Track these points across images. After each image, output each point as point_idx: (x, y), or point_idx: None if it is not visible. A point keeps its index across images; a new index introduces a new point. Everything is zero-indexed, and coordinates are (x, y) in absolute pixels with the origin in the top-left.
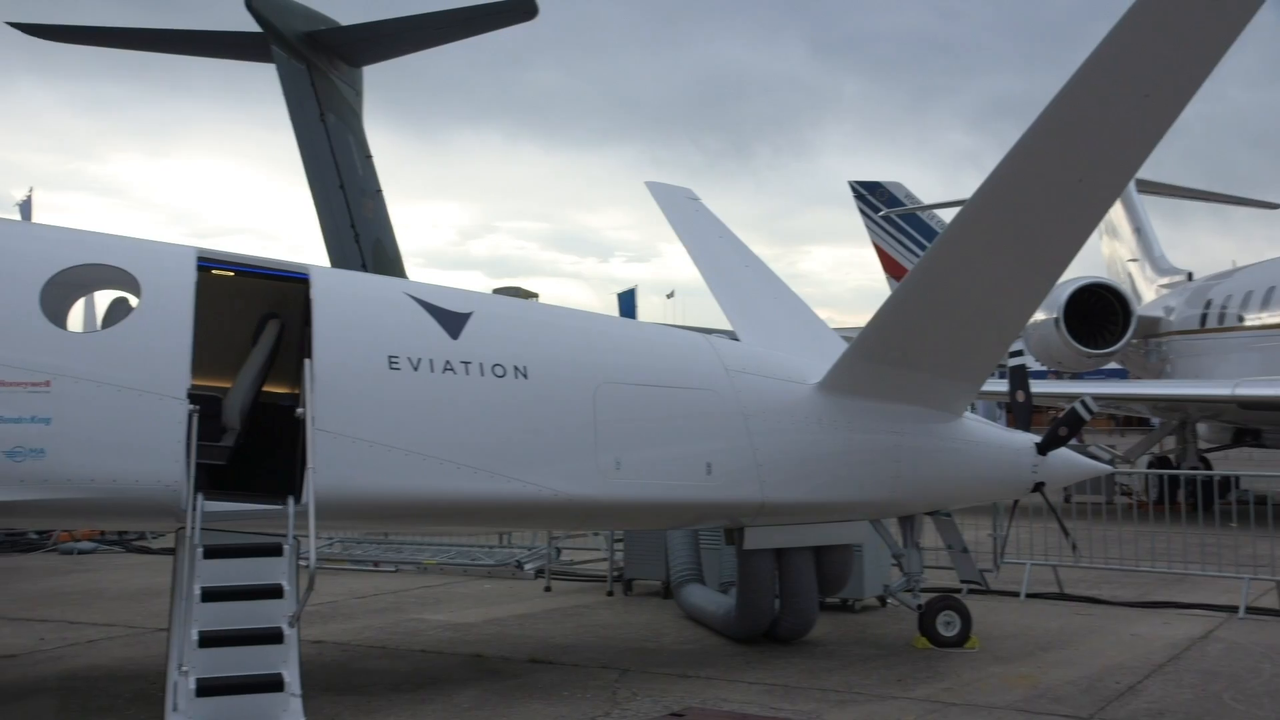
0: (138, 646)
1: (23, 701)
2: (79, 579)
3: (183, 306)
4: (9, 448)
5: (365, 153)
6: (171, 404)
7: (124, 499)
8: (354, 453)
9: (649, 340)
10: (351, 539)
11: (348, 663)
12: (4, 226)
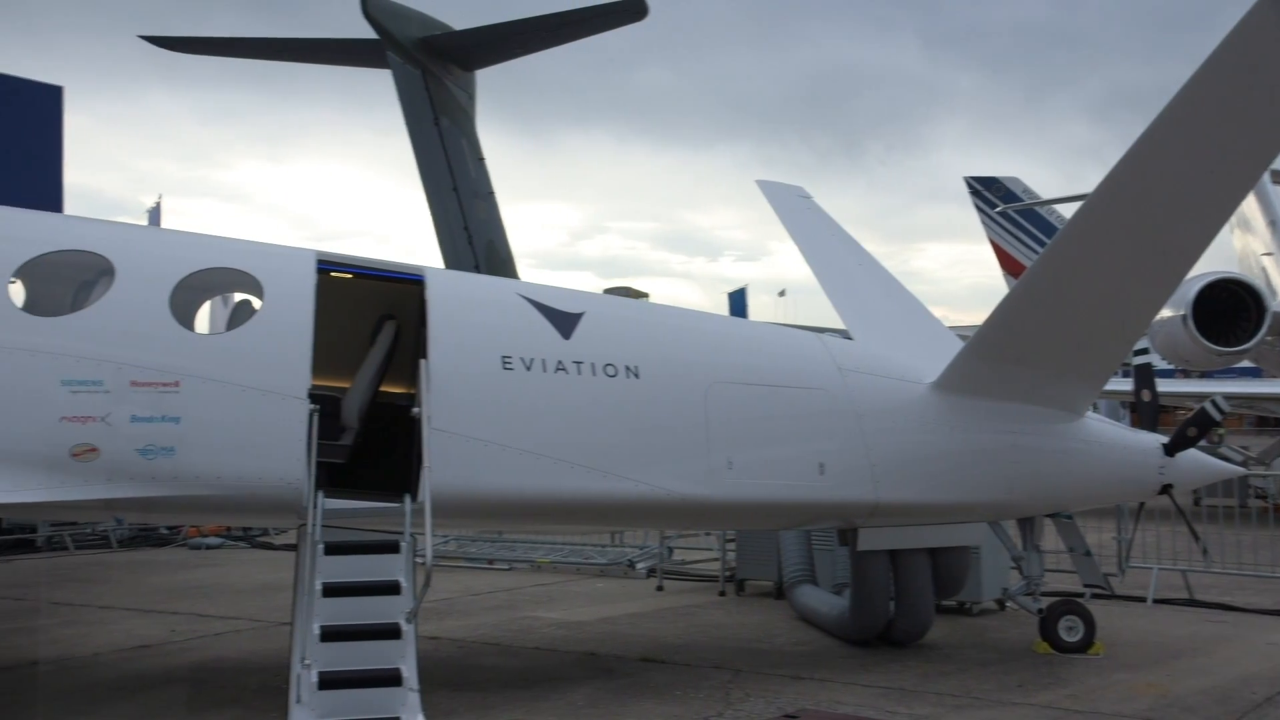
0: (262, 639)
1: (157, 690)
2: (207, 573)
3: (303, 309)
4: (141, 446)
5: (478, 155)
6: (293, 404)
7: (248, 496)
8: (468, 452)
9: (760, 339)
10: (466, 537)
11: (463, 659)
12: (135, 233)
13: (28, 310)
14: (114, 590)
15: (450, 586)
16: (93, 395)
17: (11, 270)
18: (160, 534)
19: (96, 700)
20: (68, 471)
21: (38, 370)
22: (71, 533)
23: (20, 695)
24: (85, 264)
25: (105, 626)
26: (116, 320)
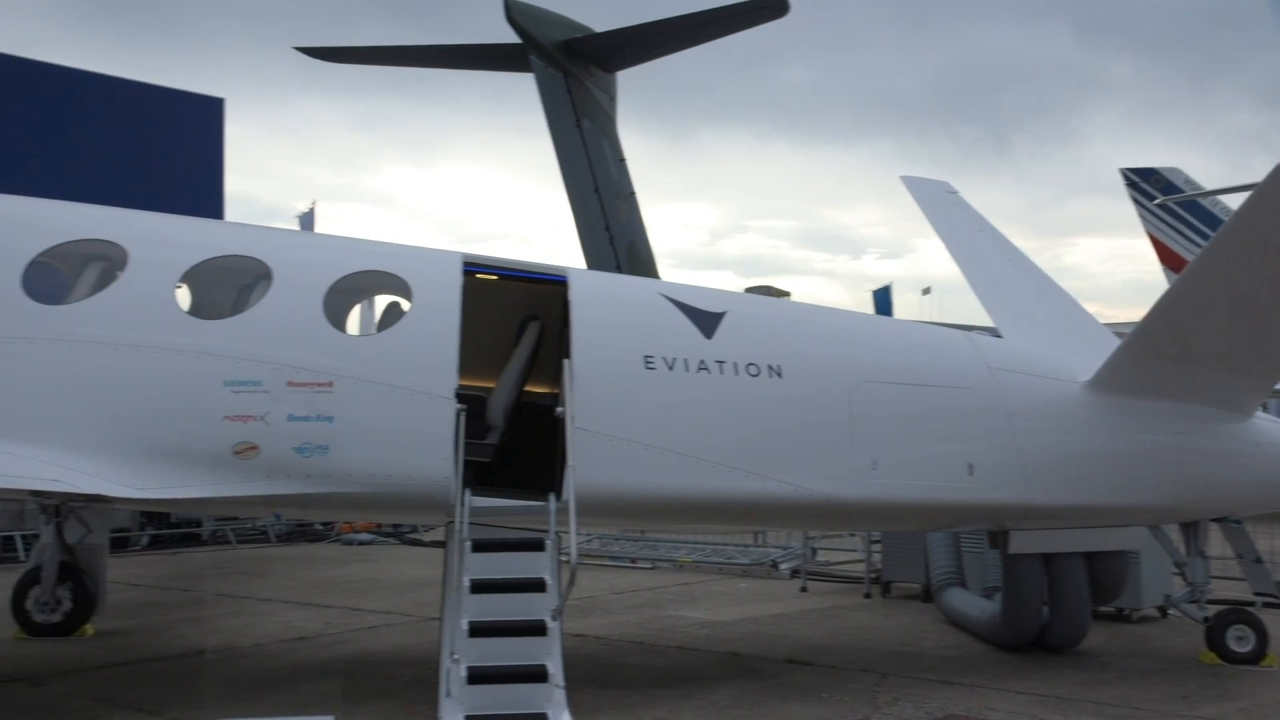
0: (412, 633)
1: (314, 680)
2: (359, 568)
3: (451, 310)
4: (298, 444)
5: (619, 156)
6: (441, 403)
7: (398, 493)
8: (611, 451)
9: (906, 338)
10: (609, 535)
11: (608, 656)
12: (291, 238)
13: (192, 314)
14: (273, 583)
15: (594, 585)
16: (253, 395)
17: (178, 276)
18: (315, 530)
19: (258, 688)
20: (230, 468)
21: (202, 371)
22: (234, 527)
23: (189, 682)
24: (245, 269)
25: (265, 618)
26: (274, 322)
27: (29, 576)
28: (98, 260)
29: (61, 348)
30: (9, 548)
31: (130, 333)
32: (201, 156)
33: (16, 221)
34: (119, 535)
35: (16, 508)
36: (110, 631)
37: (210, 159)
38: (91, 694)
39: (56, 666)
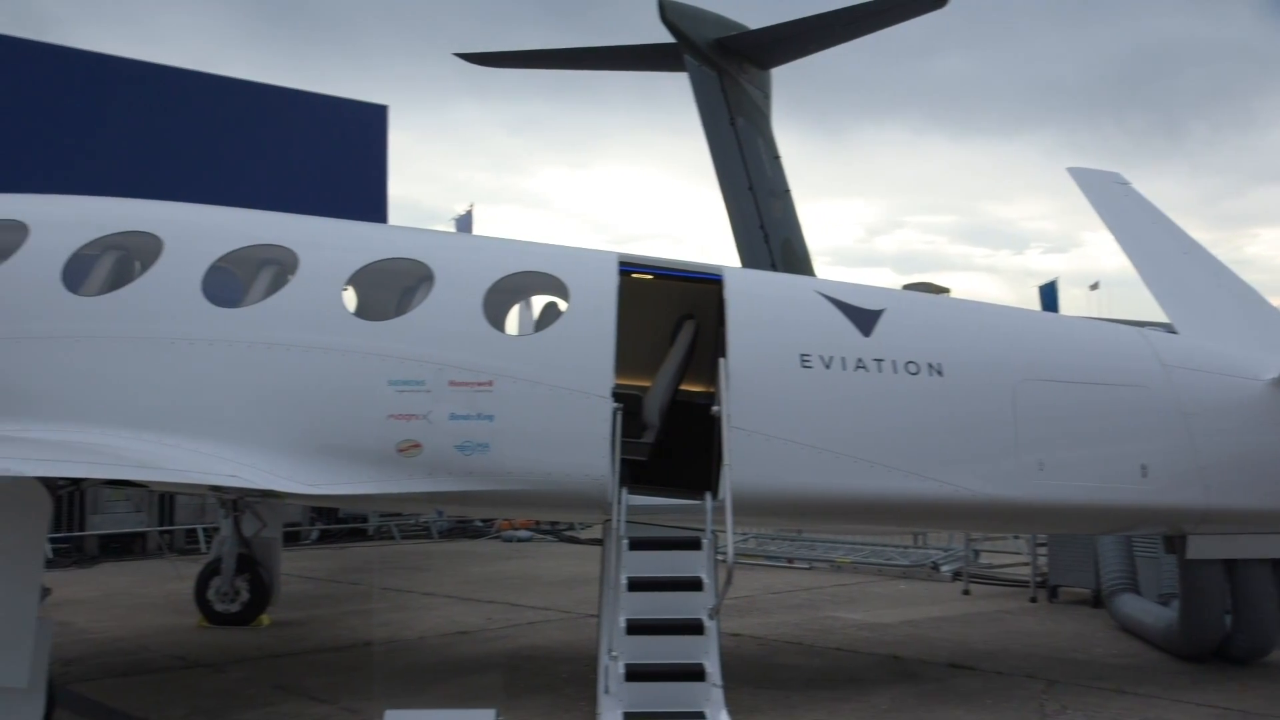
0: (571, 630)
1: (475, 674)
2: (518, 565)
3: (607, 310)
4: (459, 442)
5: (773, 154)
6: (598, 402)
7: (557, 491)
8: (768, 450)
9: (1073, 335)
10: (765, 535)
11: (765, 656)
12: (451, 240)
13: (358, 315)
14: (435, 578)
15: (750, 584)
16: (416, 394)
17: (345, 278)
18: (476, 526)
19: (422, 681)
20: (395, 466)
21: (368, 371)
22: (398, 523)
23: (358, 672)
24: (408, 271)
25: (428, 612)
26: (436, 323)
27: (210, 568)
28: (270, 264)
29: (237, 349)
30: (191, 539)
31: (300, 334)
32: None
33: (196, 228)
34: (291, 530)
35: (198, 502)
36: (284, 622)
37: (374, 164)
38: (268, 681)
39: (236, 654)
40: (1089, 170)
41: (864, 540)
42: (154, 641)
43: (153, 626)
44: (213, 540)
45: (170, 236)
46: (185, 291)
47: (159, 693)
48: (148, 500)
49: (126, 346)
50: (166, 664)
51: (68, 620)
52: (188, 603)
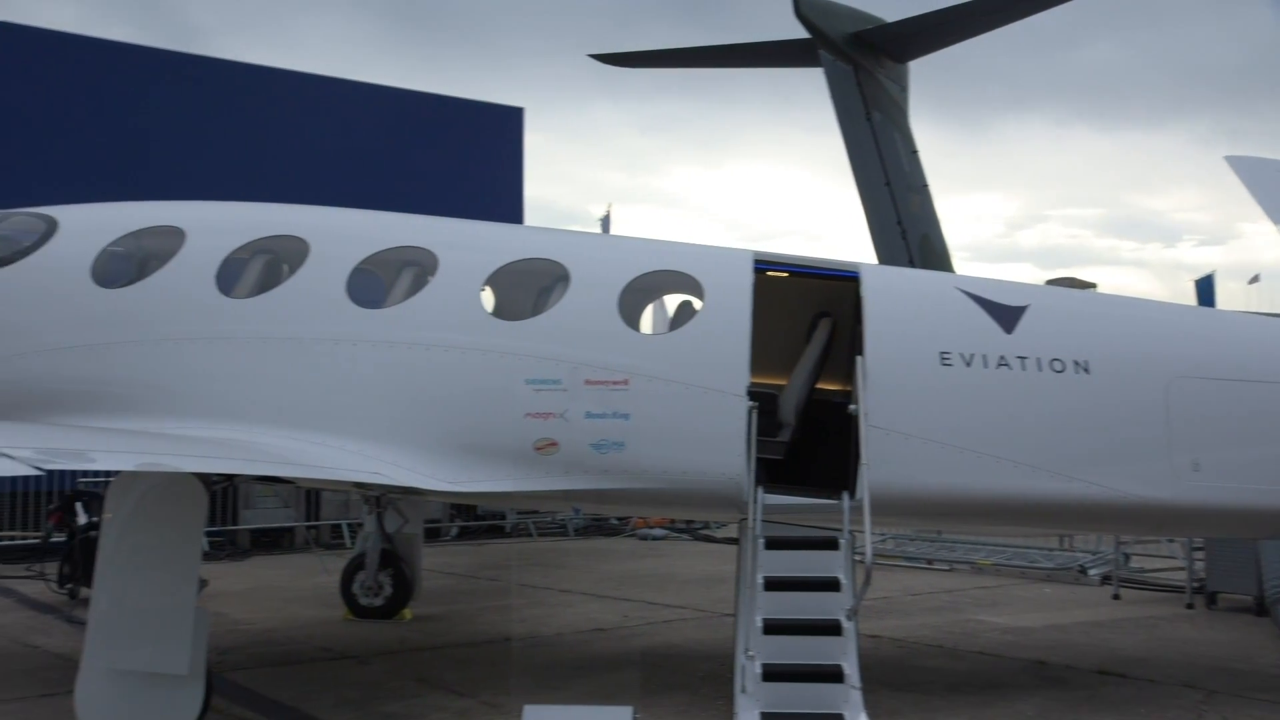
0: (706, 628)
1: (612, 671)
2: (653, 563)
3: (742, 308)
4: (595, 440)
5: (911, 148)
6: (733, 400)
7: (692, 490)
8: (907, 449)
9: (1231, 330)
10: (904, 535)
11: (904, 659)
12: (587, 240)
13: (496, 315)
14: (571, 576)
15: (888, 585)
16: (552, 393)
17: (483, 279)
18: (611, 524)
19: (560, 677)
20: (532, 464)
21: (505, 370)
22: (534, 521)
23: (497, 667)
24: (544, 271)
25: (565, 609)
26: (572, 322)
27: (355, 562)
28: (411, 266)
29: (380, 349)
30: (336, 535)
31: (440, 334)
32: (503, 164)
33: (340, 232)
34: (431, 526)
35: (342, 498)
36: (425, 616)
37: (511, 166)
38: (411, 674)
39: (379, 647)
40: (1248, 158)
41: (1006, 542)
42: (303, 633)
43: (301, 619)
44: (357, 536)
45: (316, 240)
46: (330, 293)
47: (308, 683)
48: (295, 496)
49: (275, 347)
50: (315, 655)
51: (222, 611)
52: (334, 596)
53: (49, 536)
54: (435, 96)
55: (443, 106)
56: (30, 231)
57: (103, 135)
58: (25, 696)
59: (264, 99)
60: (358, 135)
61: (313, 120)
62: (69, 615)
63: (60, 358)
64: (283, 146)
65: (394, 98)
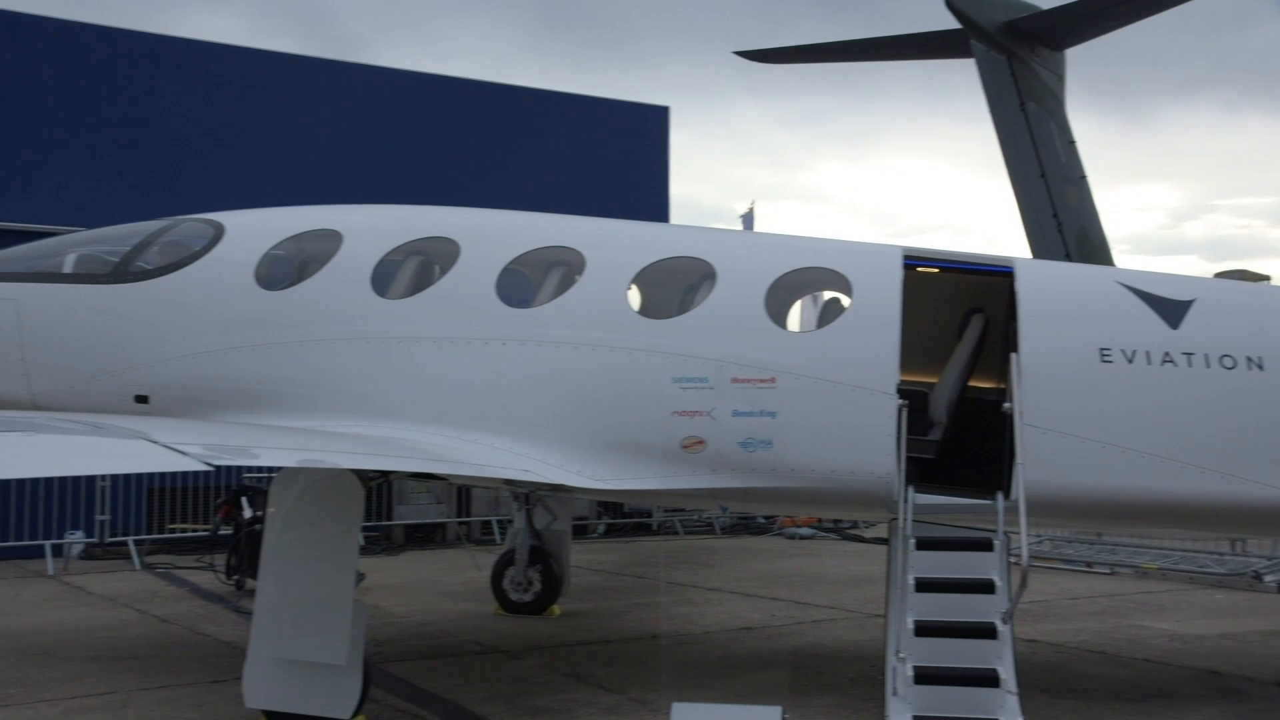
0: (856, 629)
1: (760, 670)
2: (801, 562)
3: (891, 305)
4: (742, 439)
5: (1067, 139)
6: (882, 399)
7: (840, 489)
8: (1065, 449)
9: None
10: (1061, 537)
11: (1063, 664)
12: (733, 237)
13: (642, 313)
14: (719, 574)
15: (1045, 588)
16: (700, 391)
17: (629, 277)
18: (758, 523)
19: (708, 675)
20: (679, 462)
21: (652, 368)
22: (681, 518)
23: (645, 664)
24: (690, 269)
25: (713, 607)
26: (719, 320)
27: (505, 558)
28: (559, 266)
29: (528, 348)
30: (487, 531)
31: (587, 333)
32: (648, 163)
33: (490, 232)
34: (579, 523)
35: (492, 495)
36: (574, 612)
37: (656, 165)
38: (560, 669)
39: (529, 642)
40: None
41: (1173, 545)
42: (455, 627)
43: (453, 613)
44: (507, 532)
45: (466, 241)
46: (481, 293)
47: (460, 676)
48: (447, 493)
49: (427, 346)
50: (467, 649)
51: (379, 604)
52: (485, 591)
53: (217, 529)
54: (581, 97)
55: (588, 107)
56: (199, 236)
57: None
58: (197, 682)
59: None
60: (505, 137)
61: (461, 124)
62: (236, 605)
63: (226, 358)
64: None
65: (540, 99)
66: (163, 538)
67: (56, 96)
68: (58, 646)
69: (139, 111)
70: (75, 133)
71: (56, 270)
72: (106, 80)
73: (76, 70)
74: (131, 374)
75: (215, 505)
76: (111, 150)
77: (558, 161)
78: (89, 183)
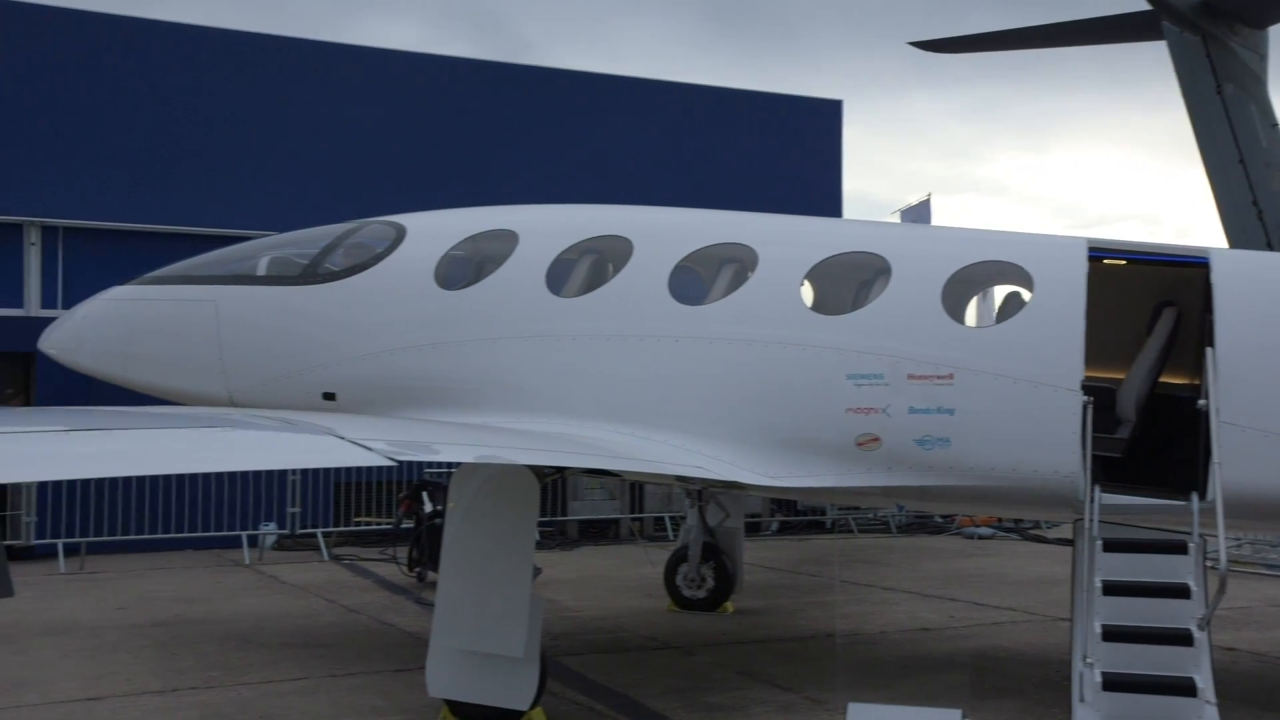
0: (1040, 632)
1: (939, 672)
2: (980, 562)
3: (1074, 298)
4: (919, 436)
5: (1270, 121)
6: (1066, 395)
7: (1022, 488)
8: (1265, 447)
9: None
10: (1264, 540)
11: (1267, 675)
12: (908, 231)
13: (815, 310)
14: (895, 573)
15: (1246, 594)
16: (874, 388)
17: (803, 274)
18: (935, 522)
19: (884, 676)
20: (853, 460)
21: (826, 365)
22: (855, 516)
23: (820, 663)
24: (864, 264)
25: (889, 607)
26: (894, 316)
27: (678, 555)
28: (731, 263)
29: (701, 345)
30: (659, 527)
31: (760, 330)
32: (821, 158)
33: (662, 230)
34: (751, 520)
35: (665, 491)
36: (747, 610)
37: (829, 160)
38: (734, 666)
39: (703, 638)
40: None
41: None
42: (629, 622)
43: (627, 608)
44: (679, 529)
45: (639, 239)
46: (654, 291)
47: (635, 671)
48: (621, 489)
49: (601, 344)
50: (641, 644)
51: (554, 599)
52: (657, 587)
53: (399, 523)
54: (753, 93)
55: (761, 103)
56: (382, 239)
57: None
58: (382, 670)
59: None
60: (677, 135)
61: (634, 122)
62: (418, 597)
63: (407, 356)
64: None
65: (712, 96)
66: (348, 530)
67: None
68: (254, 633)
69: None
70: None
71: (251, 273)
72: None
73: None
74: (319, 372)
75: (397, 499)
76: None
77: (730, 158)
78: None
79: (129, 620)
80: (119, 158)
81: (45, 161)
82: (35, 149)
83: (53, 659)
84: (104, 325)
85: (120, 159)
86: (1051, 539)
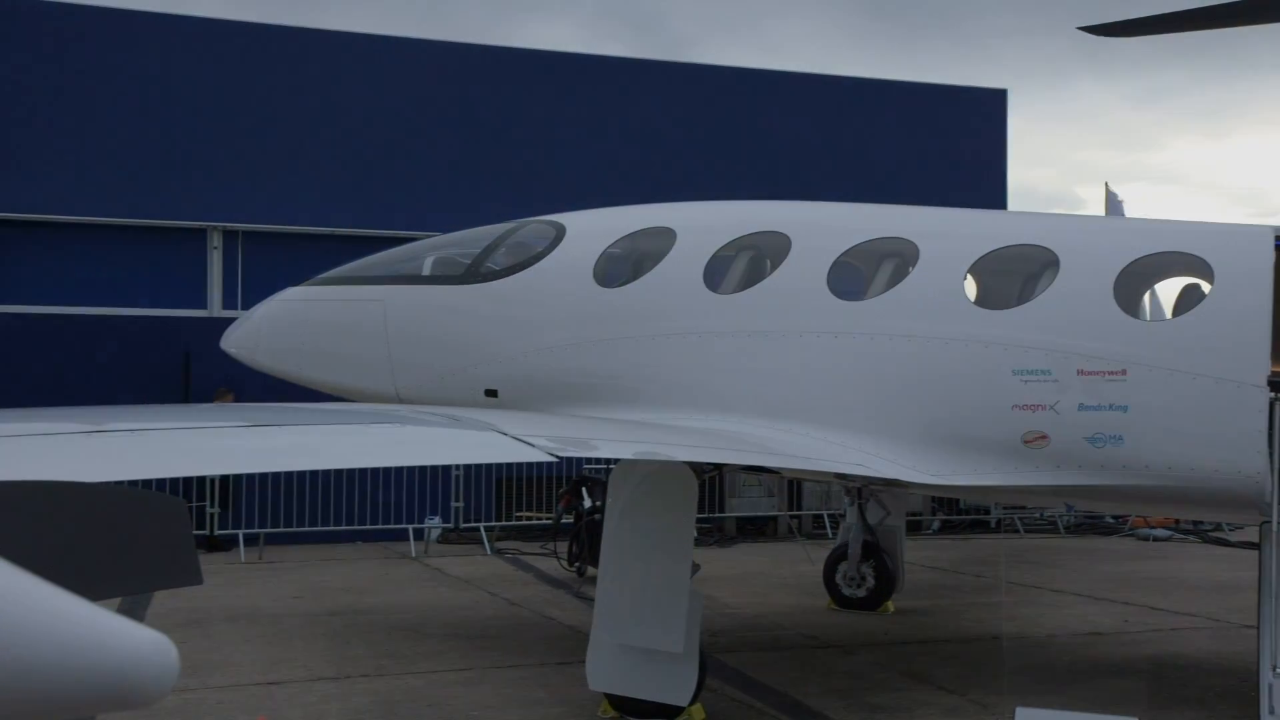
0: (1222, 640)
1: (1113, 678)
2: (1156, 565)
3: (1261, 289)
4: (1090, 434)
5: None
6: (1250, 391)
7: (1201, 488)
8: None
9: None
10: None
11: None
12: (1076, 223)
13: (979, 304)
14: (1064, 575)
15: None
16: (1042, 384)
17: (966, 267)
18: (1106, 523)
19: (1054, 680)
20: (1019, 457)
21: (990, 361)
22: (1021, 516)
23: (986, 666)
24: (1031, 257)
25: (1058, 610)
26: (1062, 310)
27: (837, 553)
28: (891, 257)
29: (861, 341)
30: (818, 525)
31: (922, 325)
32: (985, 149)
33: (821, 226)
34: (912, 519)
35: (824, 489)
36: (909, 610)
37: (993, 151)
38: (896, 667)
39: (863, 638)
40: None
41: None
42: (787, 620)
43: (785, 606)
44: (838, 527)
45: (798, 234)
46: (813, 286)
47: (794, 669)
48: (779, 486)
49: (760, 341)
50: (800, 642)
51: (712, 595)
52: (816, 585)
53: (560, 518)
54: (913, 84)
55: (921, 94)
56: (542, 237)
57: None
58: (544, 663)
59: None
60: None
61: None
62: (578, 592)
63: (566, 353)
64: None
65: (872, 89)
66: (510, 525)
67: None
68: (421, 624)
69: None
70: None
71: (416, 273)
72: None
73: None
74: (482, 369)
75: (557, 495)
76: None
77: (891, 152)
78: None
79: (305, 609)
80: (295, 165)
81: (226, 170)
82: (218, 158)
83: (235, 644)
84: (278, 325)
85: (296, 166)
86: (1235, 542)
